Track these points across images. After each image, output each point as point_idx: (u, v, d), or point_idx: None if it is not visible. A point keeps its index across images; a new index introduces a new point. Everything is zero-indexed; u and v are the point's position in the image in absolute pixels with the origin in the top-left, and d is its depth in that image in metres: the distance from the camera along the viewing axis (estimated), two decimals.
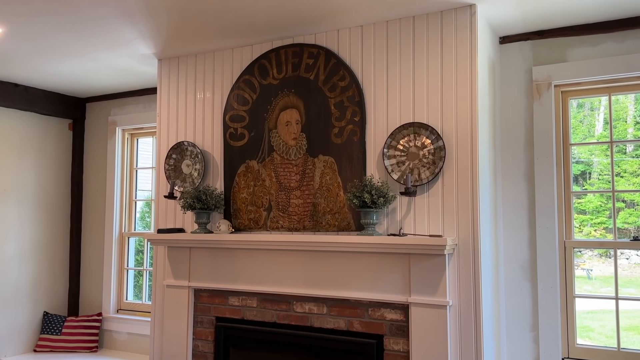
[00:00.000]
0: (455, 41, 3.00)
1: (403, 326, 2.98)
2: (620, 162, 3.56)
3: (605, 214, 3.73)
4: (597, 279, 5.32)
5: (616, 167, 3.56)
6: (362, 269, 3.07)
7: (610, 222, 3.58)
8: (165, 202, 3.83)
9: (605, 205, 3.74)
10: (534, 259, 3.33)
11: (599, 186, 3.53)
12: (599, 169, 3.68)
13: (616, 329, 3.20)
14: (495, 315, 3.18)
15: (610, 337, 4.91)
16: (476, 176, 2.89)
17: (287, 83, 3.42)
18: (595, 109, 3.73)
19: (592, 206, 3.65)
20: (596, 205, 3.74)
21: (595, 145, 3.66)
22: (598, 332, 5.26)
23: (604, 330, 5.24)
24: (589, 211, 3.59)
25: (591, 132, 3.59)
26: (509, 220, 3.41)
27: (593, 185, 3.49)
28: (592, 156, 3.58)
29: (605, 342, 4.93)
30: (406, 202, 3.07)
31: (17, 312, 4.76)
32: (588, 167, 3.55)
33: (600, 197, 3.66)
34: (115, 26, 3.32)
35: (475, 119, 2.92)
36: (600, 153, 3.67)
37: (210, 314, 3.58)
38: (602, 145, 3.62)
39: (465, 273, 2.87)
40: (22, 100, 4.74)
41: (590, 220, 3.62)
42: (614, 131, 3.43)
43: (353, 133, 3.20)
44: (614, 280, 3.17)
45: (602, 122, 3.77)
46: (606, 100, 3.66)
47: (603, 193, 3.68)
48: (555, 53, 3.35)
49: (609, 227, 3.68)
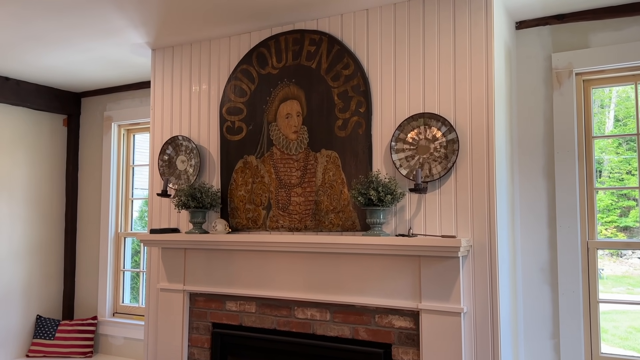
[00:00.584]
0: (469, 25, 2.76)
1: (413, 335, 2.75)
2: (631, 159, 3.41)
3: (617, 212, 3.63)
4: (609, 278, 5.24)
5: (627, 164, 3.41)
6: (368, 273, 2.84)
7: (622, 220, 3.47)
8: (159, 200, 3.62)
9: (616, 204, 3.65)
10: (554, 261, 3.11)
11: (609, 184, 3.38)
12: (610, 167, 3.53)
13: None
14: (513, 322, 2.94)
15: (625, 339, 4.80)
16: (492, 171, 2.66)
17: (287, 72, 3.19)
18: (606, 106, 3.67)
19: (603, 205, 3.54)
20: (607, 204, 3.65)
21: (614, 139, 3.46)
22: (611, 334, 5.08)
23: (617, 332, 5.07)
24: (600, 210, 3.43)
25: (601, 130, 3.46)
26: (527, 219, 3.18)
27: (604, 184, 3.33)
28: (603, 154, 3.41)
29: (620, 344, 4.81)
30: (416, 199, 2.83)
31: (9, 315, 4.57)
32: (599, 165, 3.40)
33: (611, 195, 3.57)
34: (102, 12, 3.11)
35: (491, 109, 2.68)
36: (611, 151, 3.56)
37: (207, 319, 3.36)
38: (614, 143, 3.56)
39: (480, 277, 2.64)
40: (13, 94, 4.57)
41: (601, 219, 3.45)
42: (626, 128, 3.27)
43: (358, 125, 2.97)
44: (625, 279, 2.97)
45: (613, 120, 3.69)
46: (617, 97, 3.56)
47: (616, 191, 3.49)
48: (576, 38, 3.13)
49: (620, 225, 3.60)
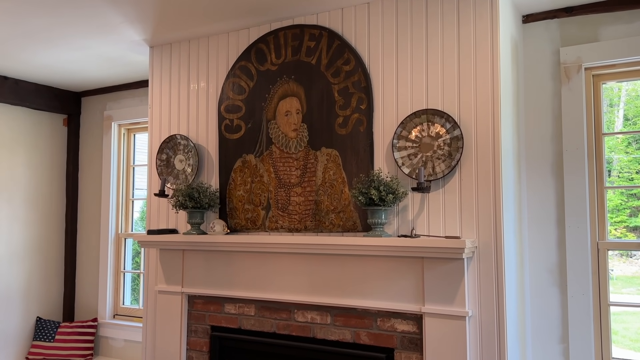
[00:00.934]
0: (474, 18, 2.66)
1: (416, 339, 2.65)
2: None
3: (626, 212, 3.55)
4: (619, 279, 5.10)
5: (637, 164, 3.35)
6: (369, 275, 2.75)
7: (632, 220, 3.40)
8: (158, 200, 3.54)
9: (625, 203, 3.57)
10: (563, 262, 2.99)
11: (619, 184, 3.30)
12: (619, 166, 3.44)
13: None
14: (520, 326, 2.83)
15: (636, 341, 4.69)
16: (498, 169, 2.55)
17: (286, 69, 3.11)
18: (615, 105, 3.58)
19: (612, 205, 3.46)
20: (616, 204, 3.57)
21: (623, 138, 3.37)
22: (622, 335, 4.98)
23: (627, 333, 4.98)
24: (610, 210, 3.33)
25: (610, 129, 3.36)
26: (534, 219, 3.07)
27: (613, 184, 3.24)
28: (612, 153, 3.32)
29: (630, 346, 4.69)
30: (419, 199, 2.74)
31: (8, 317, 4.51)
32: (608, 165, 3.31)
33: (621, 195, 3.50)
34: (95, 8, 3.03)
35: (497, 105, 2.58)
36: (621, 150, 3.49)
37: (205, 322, 3.28)
38: (623, 142, 3.48)
39: (486, 279, 2.54)
40: (12, 94, 4.51)
41: (611, 219, 3.36)
42: (635, 127, 3.16)
43: (359, 123, 2.88)
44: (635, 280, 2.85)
45: (622, 119, 3.60)
46: (626, 96, 3.45)
47: (625, 190, 3.39)
48: (585, 32, 3.02)
49: (630, 225, 3.52)
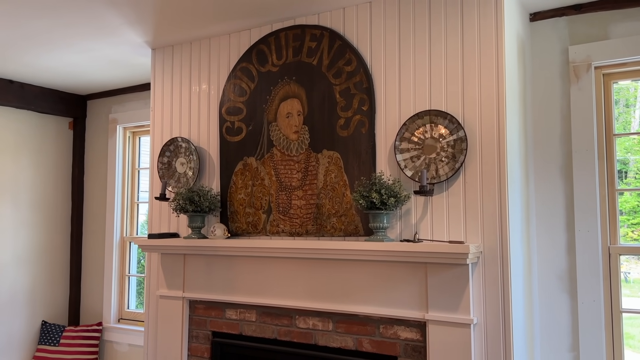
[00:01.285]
0: (478, 16, 2.59)
1: (420, 347, 2.58)
2: None
3: None
4: (636, 282, 5.03)
5: None
6: (371, 280, 2.68)
7: None
8: (159, 204, 3.51)
9: None
10: (572, 268, 2.90)
11: (635, 186, 3.18)
12: (636, 167, 3.35)
13: None
14: (528, 334, 2.74)
15: None
16: (504, 172, 2.47)
17: (287, 70, 3.05)
18: (631, 105, 3.49)
19: (629, 206, 3.34)
20: (633, 206, 3.47)
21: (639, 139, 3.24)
22: (638, 340, 4.88)
23: None
24: (626, 212, 3.23)
25: (627, 130, 3.26)
26: (543, 223, 2.98)
27: (629, 185, 3.13)
28: (628, 154, 3.22)
29: None
30: (422, 202, 2.66)
31: (14, 321, 4.50)
32: (624, 166, 3.20)
33: (638, 197, 3.31)
34: (94, 9, 3.00)
35: (502, 106, 2.50)
36: (637, 151, 3.39)
37: (206, 328, 3.23)
38: None
39: (492, 285, 2.45)
40: (17, 97, 4.51)
41: (627, 221, 3.25)
42: None
43: (361, 124, 2.81)
44: None
45: (639, 119, 3.49)
46: None
47: None
48: (595, 30, 2.93)
49: None
